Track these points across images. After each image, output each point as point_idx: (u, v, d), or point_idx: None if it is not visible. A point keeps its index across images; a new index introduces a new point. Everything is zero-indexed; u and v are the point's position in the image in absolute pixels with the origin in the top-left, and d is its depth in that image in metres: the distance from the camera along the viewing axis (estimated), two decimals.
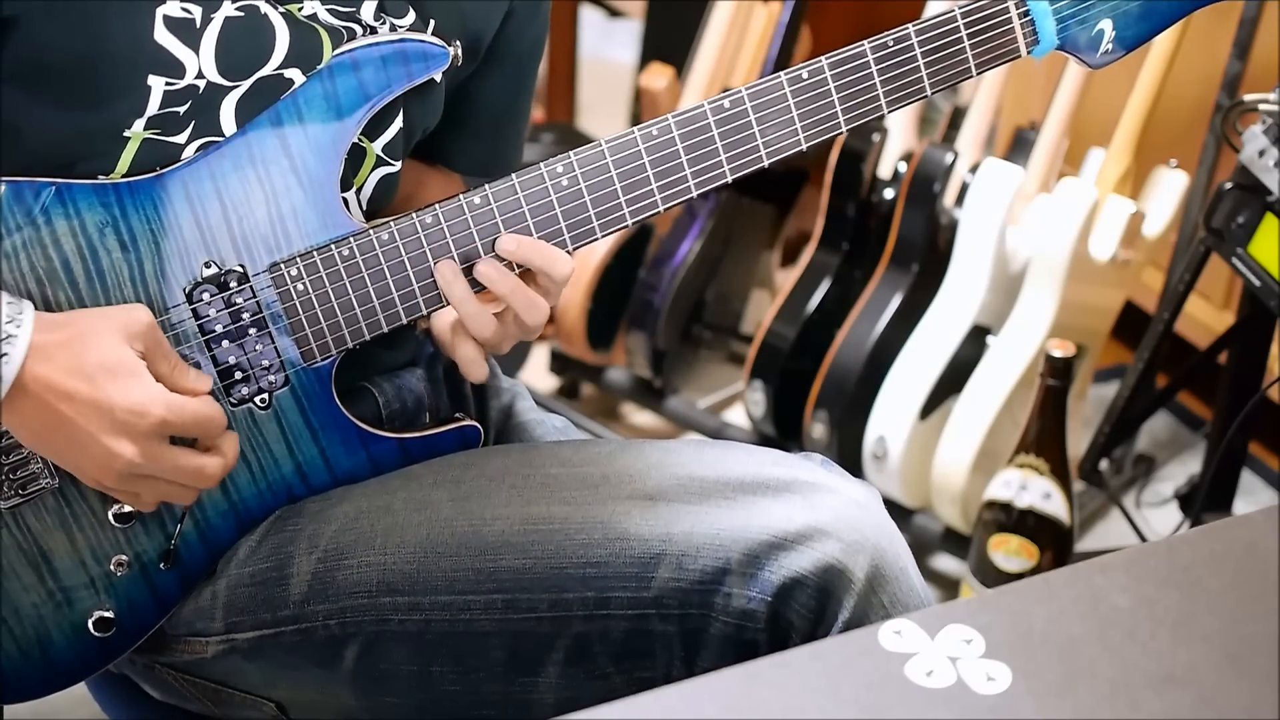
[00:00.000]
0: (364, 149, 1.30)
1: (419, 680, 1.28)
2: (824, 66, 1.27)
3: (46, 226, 1.20)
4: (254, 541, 1.30)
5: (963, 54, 1.29)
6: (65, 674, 1.31)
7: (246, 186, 1.23)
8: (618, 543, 1.23)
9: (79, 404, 1.17)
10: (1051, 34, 1.31)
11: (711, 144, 1.27)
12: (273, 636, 1.29)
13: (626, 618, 1.24)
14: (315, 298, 1.26)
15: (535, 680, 1.27)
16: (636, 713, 0.99)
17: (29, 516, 1.25)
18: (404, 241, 1.26)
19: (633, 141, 1.26)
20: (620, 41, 3.59)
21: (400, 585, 1.26)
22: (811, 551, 1.20)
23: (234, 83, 1.23)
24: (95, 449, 1.18)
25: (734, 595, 1.21)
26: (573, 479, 1.27)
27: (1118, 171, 2.28)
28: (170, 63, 1.21)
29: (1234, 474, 2.18)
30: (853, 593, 1.20)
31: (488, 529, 1.25)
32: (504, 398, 1.47)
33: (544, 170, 1.26)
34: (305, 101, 1.24)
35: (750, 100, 1.27)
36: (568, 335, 2.61)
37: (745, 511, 1.23)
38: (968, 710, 0.96)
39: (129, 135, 1.22)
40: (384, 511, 1.28)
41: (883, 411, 2.31)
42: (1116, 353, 2.68)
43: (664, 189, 1.27)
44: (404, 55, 1.25)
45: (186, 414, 1.20)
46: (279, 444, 1.29)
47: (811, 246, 2.46)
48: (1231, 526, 1.18)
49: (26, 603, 1.27)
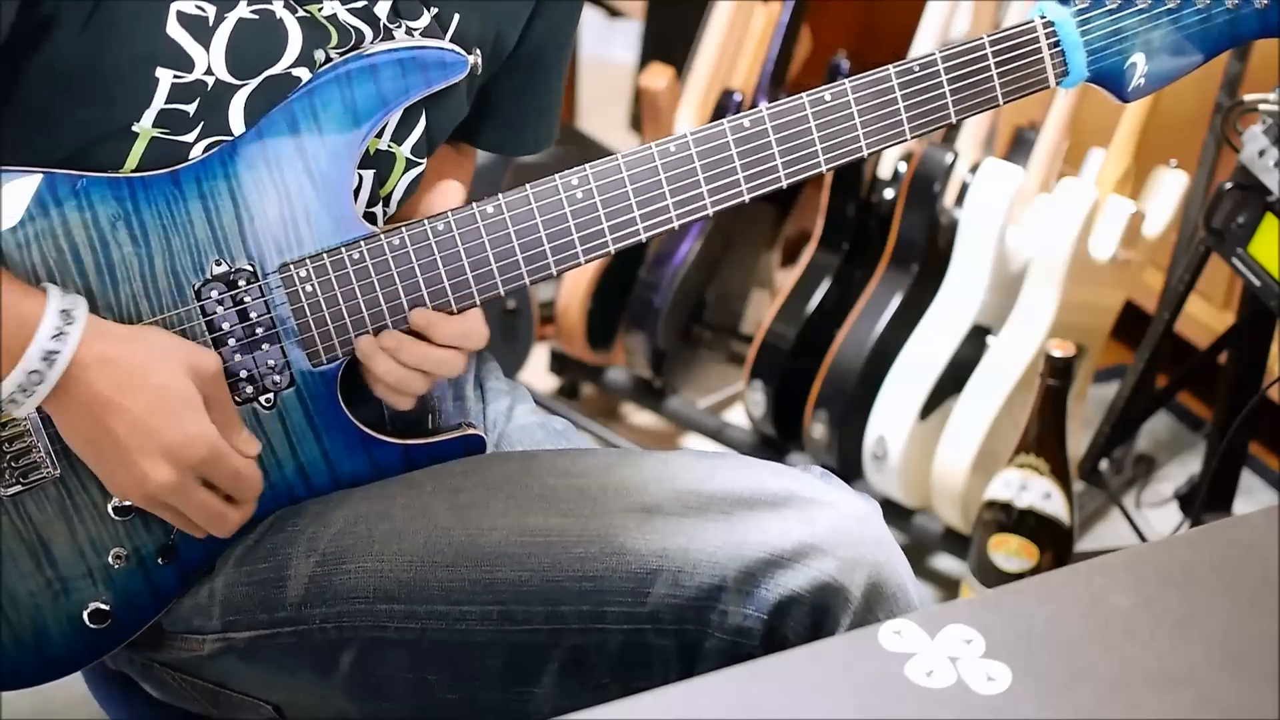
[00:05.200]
0: (393, 155, 1.30)
1: (415, 688, 1.28)
2: (847, 89, 1.26)
3: (59, 217, 1.21)
4: (253, 541, 1.31)
5: (990, 83, 1.28)
6: (58, 664, 1.31)
7: (260, 186, 1.24)
8: (614, 557, 1.23)
9: (130, 421, 1.18)
10: (1082, 66, 1.29)
11: (730, 163, 1.26)
12: (269, 637, 1.29)
13: (622, 631, 1.23)
14: (324, 300, 1.26)
15: (531, 690, 1.27)
16: (636, 713, 0.99)
17: (29, 505, 1.26)
18: (415, 248, 1.26)
19: (650, 158, 1.26)
20: (620, 41, 3.58)
21: (397, 593, 1.26)
22: (807, 570, 1.20)
23: (242, 81, 1.23)
24: (134, 468, 1.20)
25: (730, 613, 1.21)
26: (570, 490, 1.27)
27: (1118, 171, 2.28)
28: (180, 57, 1.21)
29: (1234, 474, 2.18)
30: (849, 610, 1.20)
31: (485, 539, 1.25)
32: (505, 400, 1.47)
33: (559, 182, 1.26)
34: (321, 104, 1.24)
35: (771, 120, 1.26)
36: (568, 335, 2.61)
37: (742, 527, 1.22)
38: (968, 710, 0.96)
39: (137, 130, 1.22)
40: (382, 517, 1.28)
41: (883, 411, 2.31)
42: (1116, 353, 2.67)
43: (679, 205, 1.27)
44: (422, 62, 1.25)
45: (230, 463, 1.22)
46: (282, 444, 1.29)
47: (811, 246, 2.46)
48: (1231, 526, 1.18)
49: (23, 591, 1.27)
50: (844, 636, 1.08)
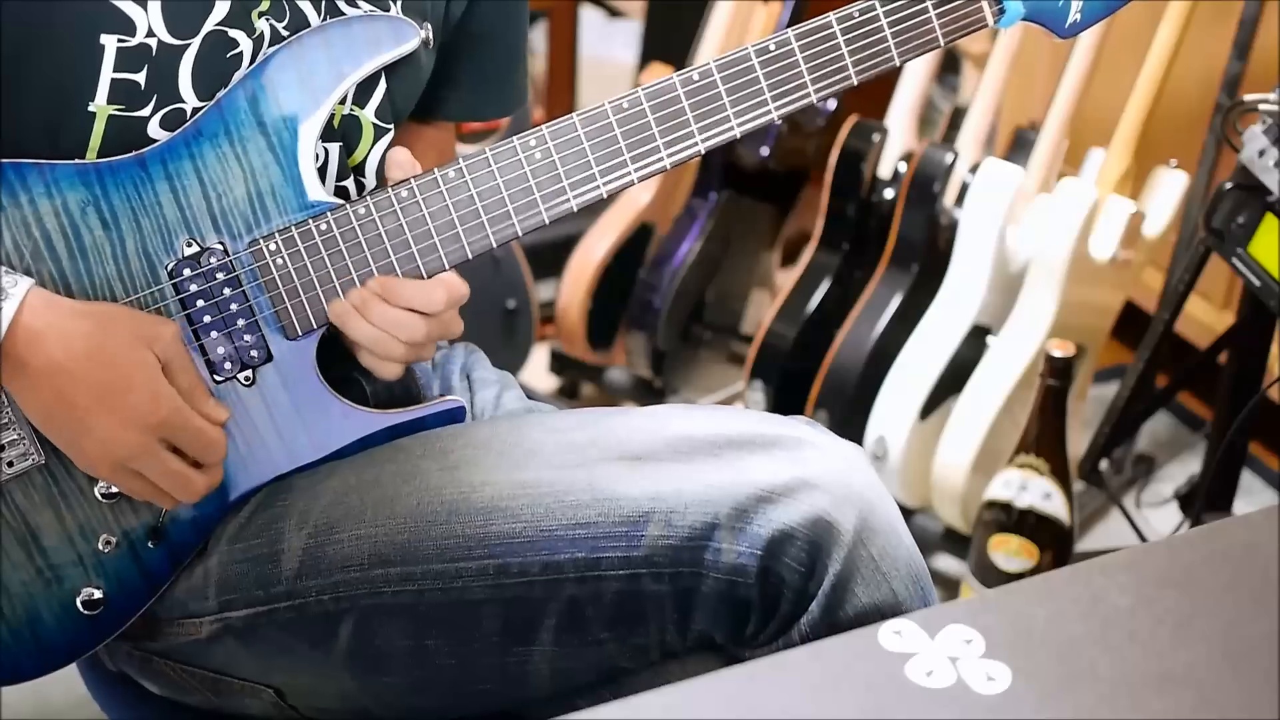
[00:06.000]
0: (358, 119, 1.32)
1: (414, 656, 1.29)
2: (790, 38, 1.29)
3: (30, 205, 1.22)
4: (243, 519, 1.31)
5: (929, 23, 1.30)
6: (55, 654, 1.31)
7: (225, 165, 1.25)
8: (606, 503, 1.24)
9: (88, 388, 1.19)
10: (1017, 4, 1.31)
11: (682, 115, 1.28)
12: (266, 614, 1.30)
13: (618, 578, 1.24)
14: (294, 271, 1.27)
15: (530, 650, 1.27)
16: (637, 713, 0.99)
17: (16, 493, 1.26)
18: (380, 215, 1.27)
19: (604, 113, 1.28)
20: (620, 41, 3.58)
21: (392, 556, 1.26)
22: (799, 504, 1.21)
23: (184, 40, 1.24)
24: (97, 435, 1.21)
25: (724, 550, 1.22)
26: (560, 444, 1.28)
27: (1118, 171, 2.28)
28: (121, 20, 1.22)
29: (1234, 474, 2.18)
30: (842, 544, 1.20)
31: (477, 495, 1.26)
32: (493, 389, 1.48)
33: (517, 143, 1.27)
34: (279, 80, 1.25)
35: (719, 72, 1.28)
36: (568, 335, 2.61)
37: (733, 467, 1.23)
38: (968, 710, 0.96)
39: (94, 110, 1.23)
40: (373, 484, 1.29)
41: (883, 411, 2.31)
42: (1116, 353, 2.67)
43: (636, 159, 1.29)
44: (374, 33, 1.27)
45: (193, 423, 1.23)
46: (264, 420, 1.29)
47: (811, 246, 2.46)
48: (1231, 526, 1.18)
49: (15, 581, 1.28)
50: (844, 636, 1.08)
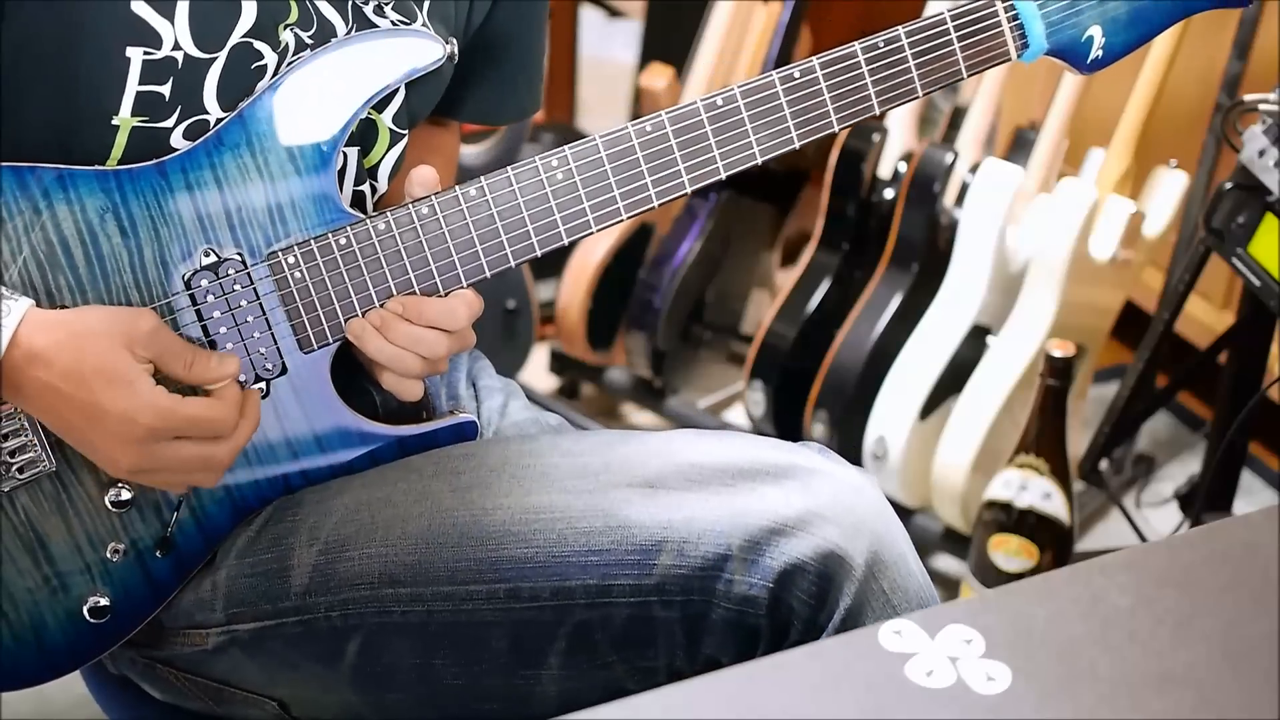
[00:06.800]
0: (375, 123, 1.32)
1: (421, 674, 1.28)
2: (815, 66, 1.28)
3: (48, 211, 1.21)
4: (253, 532, 1.31)
5: (953, 56, 1.30)
6: (60, 661, 1.31)
7: (245, 176, 1.24)
8: (619, 530, 1.24)
9: (77, 407, 1.18)
10: (1041, 38, 1.31)
11: (705, 140, 1.28)
12: (274, 628, 1.29)
13: (628, 605, 1.24)
14: (312, 285, 1.27)
15: (538, 672, 1.27)
16: (637, 713, 0.99)
17: (25, 500, 1.26)
18: (400, 231, 1.27)
19: (627, 136, 1.28)
20: (620, 41, 3.58)
21: (402, 576, 1.26)
22: (811, 537, 1.21)
23: (210, 54, 1.24)
24: (100, 450, 1.20)
25: (735, 581, 1.22)
26: (573, 468, 1.28)
27: (1118, 171, 2.28)
28: (147, 33, 1.22)
29: (1234, 474, 2.18)
30: (853, 578, 1.20)
31: (489, 519, 1.26)
32: (499, 398, 1.48)
33: (539, 164, 1.27)
34: (302, 92, 1.25)
35: (743, 98, 1.28)
36: (568, 335, 2.61)
37: (745, 498, 1.23)
38: (968, 710, 0.96)
39: (118, 123, 1.23)
40: (384, 503, 1.29)
41: (883, 411, 2.31)
42: (1116, 353, 2.68)
43: (658, 184, 1.28)
44: (401, 50, 1.26)
45: (177, 419, 1.20)
46: (276, 432, 1.29)
47: (811, 246, 2.46)
48: (1231, 526, 1.18)
49: (21, 588, 1.27)
50: (844, 636, 1.08)
